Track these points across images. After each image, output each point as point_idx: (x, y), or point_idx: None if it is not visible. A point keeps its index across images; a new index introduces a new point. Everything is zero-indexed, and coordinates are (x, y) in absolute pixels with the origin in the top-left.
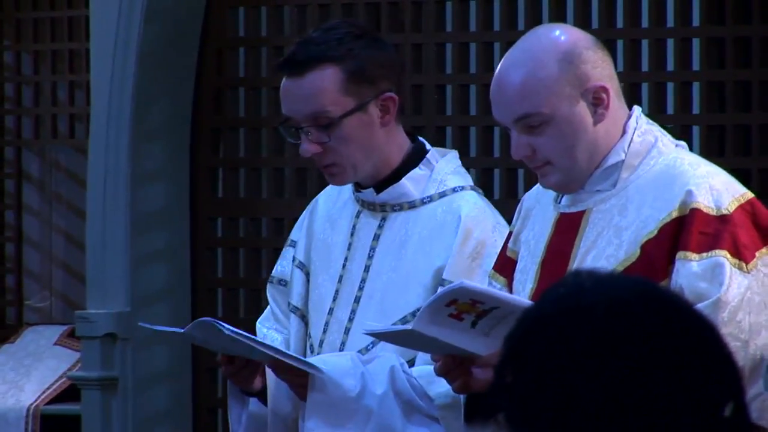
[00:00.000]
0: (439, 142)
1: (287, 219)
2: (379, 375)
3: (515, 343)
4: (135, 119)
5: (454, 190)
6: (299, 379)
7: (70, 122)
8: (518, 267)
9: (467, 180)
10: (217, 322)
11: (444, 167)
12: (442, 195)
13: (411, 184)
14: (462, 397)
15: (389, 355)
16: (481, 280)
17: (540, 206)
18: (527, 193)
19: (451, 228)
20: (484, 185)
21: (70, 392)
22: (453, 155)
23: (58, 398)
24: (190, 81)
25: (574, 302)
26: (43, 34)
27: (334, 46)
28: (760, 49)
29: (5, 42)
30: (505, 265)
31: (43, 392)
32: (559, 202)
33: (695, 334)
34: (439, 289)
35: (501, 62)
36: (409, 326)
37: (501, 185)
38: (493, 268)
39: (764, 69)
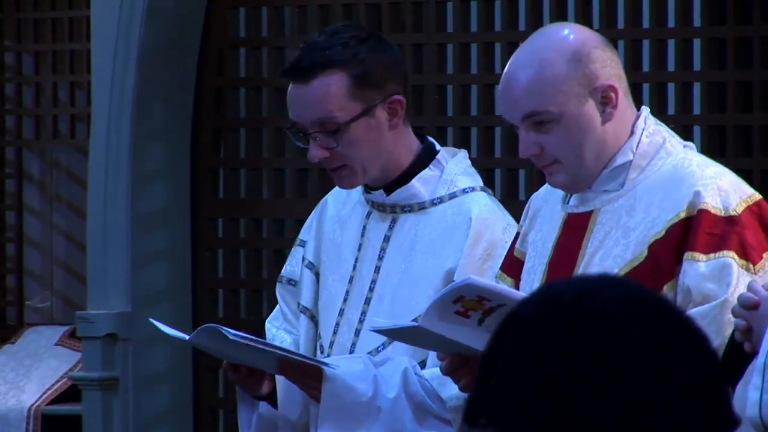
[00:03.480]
0: (440, 142)
1: (288, 219)
2: (391, 378)
3: (492, 343)
4: (136, 120)
5: (464, 191)
6: (312, 381)
7: (71, 123)
8: (525, 267)
9: (477, 180)
10: (221, 328)
11: (454, 168)
12: (453, 196)
13: (421, 185)
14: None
15: (401, 357)
16: (493, 281)
17: (548, 206)
18: (535, 194)
19: (462, 230)
20: (485, 186)
21: (70, 392)
22: (462, 155)
23: (58, 398)
24: (191, 81)
25: (545, 299)
26: (44, 34)
27: (339, 50)
28: (761, 49)
29: (6, 42)
30: (513, 266)
31: (44, 392)
32: (567, 203)
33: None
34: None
35: (509, 61)
36: (415, 323)
37: (502, 186)
38: (500, 268)
39: (765, 69)
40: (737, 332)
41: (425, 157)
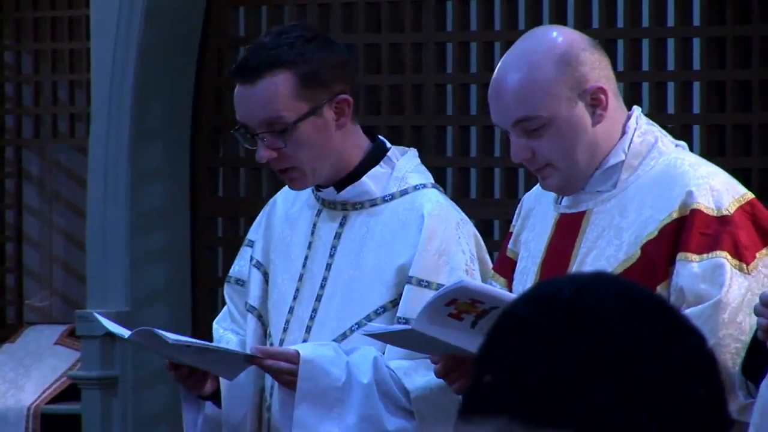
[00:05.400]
0: (439, 141)
1: None
2: (363, 364)
3: (488, 340)
4: (135, 119)
5: (416, 188)
6: (287, 365)
7: (70, 122)
8: (518, 268)
9: (428, 178)
10: (159, 331)
11: (405, 165)
12: (404, 193)
13: (372, 182)
14: (398, 389)
15: (369, 346)
16: (449, 276)
17: (540, 207)
18: (527, 194)
19: (414, 226)
20: (483, 185)
21: (70, 392)
22: (412, 153)
23: (58, 398)
24: (191, 80)
25: (543, 294)
26: (43, 33)
27: (286, 50)
28: (761, 48)
29: (5, 41)
30: (505, 266)
31: (44, 392)
32: (560, 203)
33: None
34: (406, 288)
35: (498, 65)
36: (408, 326)
37: (501, 185)
38: (492, 268)
39: (764, 68)
40: (760, 331)
41: (375, 155)
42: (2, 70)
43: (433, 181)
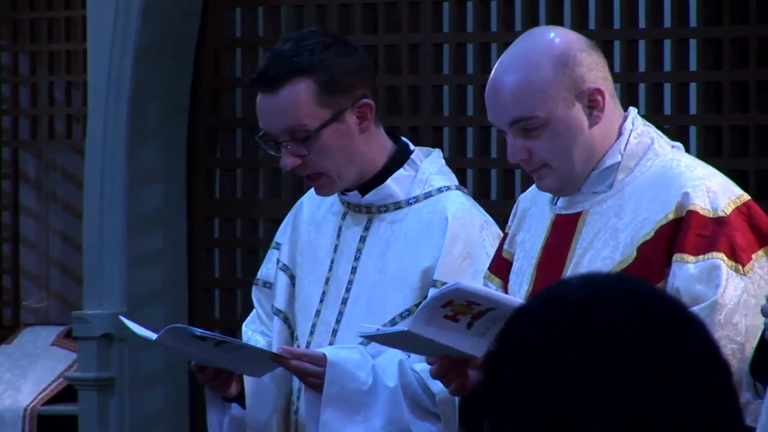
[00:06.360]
0: (436, 142)
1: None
2: (389, 368)
3: (497, 341)
4: (132, 120)
5: (440, 190)
6: (314, 367)
7: (67, 123)
8: (514, 268)
9: (452, 180)
10: (187, 327)
11: (428, 167)
12: (428, 195)
13: (396, 185)
14: (457, 398)
15: (394, 349)
16: (473, 279)
17: (536, 207)
18: (523, 195)
19: (438, 229)
20: (480, 186)
21: (66, 393)
22: (437, 154)
23: (54, 399)
24: (187, 81)
25: (552, 296)
26: (40, 34)
27: (306, 58)
28: (757, 49)
29: (2, 42)
30: (501, 267)
31: (40, 393)
32: (556, 204)
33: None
34: (431, 291)
35: (495, 66)
36: (404, 327)
37: (498, 186)
38: (488, 269)
39: (761, 70)
40: (767, 331)
41: (399, 158)
42: None
43: (457, 183)
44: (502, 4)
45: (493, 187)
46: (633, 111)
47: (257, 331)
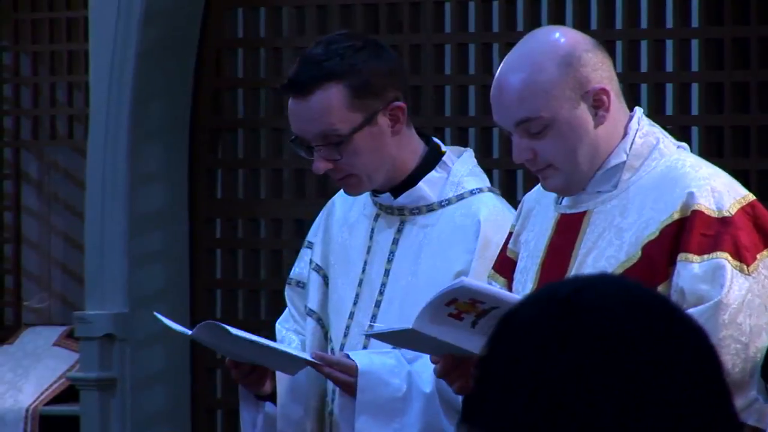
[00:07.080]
0: None
1: (286, 220)
2: (424, 373)
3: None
4: (133, 120)
5: (472, 192)
6: (345, 377)
7: (68, 123)
8: (518, 267)
9: (484, 181)
10: (222, 325)
11: (460, 169)
12: (460, 198)
13: (428, 187)
14: (461, 397)
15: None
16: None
17: (540, 207)
18: (527, 194)
19: (471, 232)
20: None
21: (68, 393)
22: (468, 155)
23: (56, 399)
24: (189, 82)
25: (544, 294)
26: (41, 35)
27: (337, 62)
28: (759, 50)
29: (4, 43)
30: (505, 266)
31: (42, 393)
32: (560, 203)
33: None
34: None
35: (500, 66)
36: (408, 326)
37: (500, 186)
38: (492, 268)
39: (763, 70)
40: None
41: (431, 159)
42: (0, 71)
43: (489, 184)
44: (503, 5)
45: (496, 188)
46: (639, 111)
47: (291, 330)
